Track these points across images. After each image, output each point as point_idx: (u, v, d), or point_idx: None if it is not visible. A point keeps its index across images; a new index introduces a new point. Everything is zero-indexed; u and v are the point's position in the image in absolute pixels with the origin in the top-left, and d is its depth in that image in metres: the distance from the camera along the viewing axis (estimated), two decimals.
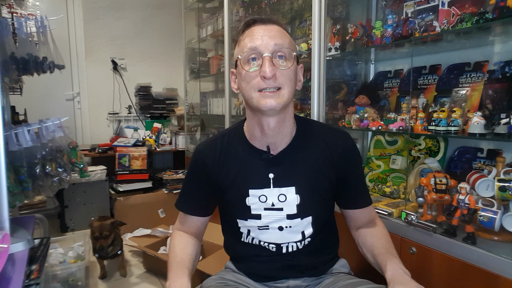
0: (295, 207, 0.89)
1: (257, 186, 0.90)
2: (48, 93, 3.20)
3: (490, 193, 1.05)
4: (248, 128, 0.92)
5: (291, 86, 0.83)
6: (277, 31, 0.83)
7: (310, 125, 0.96)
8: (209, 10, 2.99)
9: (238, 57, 0.84)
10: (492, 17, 1.04)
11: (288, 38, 0.85)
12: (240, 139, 0.94)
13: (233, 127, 0.98)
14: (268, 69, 0.78)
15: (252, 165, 0.90)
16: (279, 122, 0.86)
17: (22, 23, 1.19)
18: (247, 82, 0.82)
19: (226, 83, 2.45)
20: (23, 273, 0.80)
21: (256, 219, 0.91)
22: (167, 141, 3.32)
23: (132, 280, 2.03)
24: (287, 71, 0.81)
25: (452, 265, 1.04)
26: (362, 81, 1.81)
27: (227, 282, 0.95)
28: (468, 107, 1.23)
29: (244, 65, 0.82)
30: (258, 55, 0.81)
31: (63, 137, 1.21)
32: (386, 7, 1.59)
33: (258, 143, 0.91)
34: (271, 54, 0.80)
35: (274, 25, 0.85)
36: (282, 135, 0.89)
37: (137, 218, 2.66)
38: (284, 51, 0.81)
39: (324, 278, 0.96)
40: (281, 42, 0.81)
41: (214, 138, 0.97)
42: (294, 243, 0.92)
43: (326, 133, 0.94)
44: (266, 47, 0.80)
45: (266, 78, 0.79)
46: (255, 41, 0.81)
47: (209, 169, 0.93)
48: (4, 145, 0.89)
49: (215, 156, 0.93)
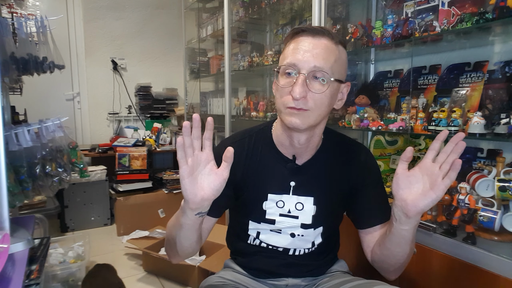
0: (310, 217, 0.90)
1: (276, 191, 0.90)
2: (48, 93, 3.20)
3: (490, 193, 1.05)
4: (277, 134, 0.91)
5: (321, 110, 0.79)
6: (323, 48, 0.77)
7: (335, 138, 0.96)
8: (209, 10, 2.99)
9: (277, 68, 0.81)
10: (492, 17, 1.04)
11: (334, 57, 0.78)
12: (267, 142, 0.93)
13: (260, 128, 0.97)
14: (298, 90, 0.74)
15: (275, 170, 0.91)
16: (308, 138, 0.86)
17: (22, 23, 1.19)
18: (280, 96, 0.81)
19: (226, 83, 2.45)
20: (23, 273, 0.80)
21: (270, 223, 0.91)
22: (167, 141, 3.31)
23: (132, 282, 2.03)
24: (320, 96, 0.77)
25: (452, 265, 1.04)
26: (362, 81, 1.81)
27: (226, 281, 0.96)
28: (468, 107, 1.23)
29: (281, 77, 0.80)
30: (295, 71, 0.77)
31: (63, 137, 1.21)
32: (386, 7, 1.59)
33: (284, 150, 0.91)
34: (306, 74, 0.76)
35: (323, 39, 0.78)
36: (309, 148, 0.89)
37: (137, 218, 2.66)
38: (323, 74, 0.76)
39: (322, 278, 0.97)
40: (322, 64, 0.76)
41: (242, 137, 0.95)
42: (303, 249, 0.94)
43: (349, 147, 0.95)
44: (305, 65, 0.76)
45: (294, 99, 0.76)
46: (296, 55, 0.77)
47: (235, 168, 0.89)
48: (4, 145, 0.88)
49: (241, 156, 0.91)
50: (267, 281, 0.97)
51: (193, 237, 0.81)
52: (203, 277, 1.01)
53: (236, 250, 1.03)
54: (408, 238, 0.78)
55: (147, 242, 2.20)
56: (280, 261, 0.94)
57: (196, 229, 0.79)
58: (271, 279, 0.96)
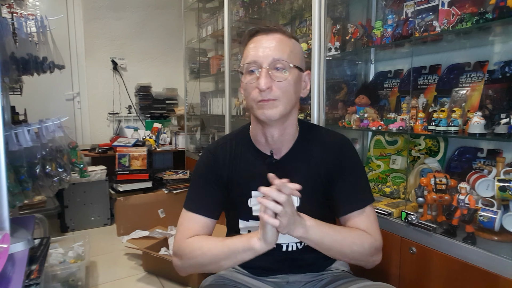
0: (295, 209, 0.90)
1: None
2: (48, 93, 3.20)
3: (490, 193, 1.05)
4: (253, 134, 0.96)
5: (288, 97, 0.85)
6: (278, 41, 0.84)
7: (311, 129, 0.99)
8: (209, 10, 2.99)
9: (238, 70, 0.87)
10: (492, 17, 1.04)
11: (290, 48, 0.85)
12: (246, 142, 0.98)
13: (239, 131, 1.02)
14: (263, 82, 0.81)
15: (256, 168, 0.94)
16: (281, 130, 0.90)
17: (22, 23, 1.19)
18: (248, 93, 0.86)
19: (226, 83, 2.45)
20: (23, 273, 0.80)
21: (257, 220, 0.91)
22: (167, 141, 3.32)
23: (132, 281, 2.03)
24: (284, 83, 0.83)
25: (452, 265, 1.04)
26: (362, 81, 1.81)
27: (225, 281, 0.96)
28: (468, 107, 1.23)
29: (245, 76, 0.86)
30: (257, 67, 0.83)
31: (63, 137, 1.21)
32: (386, 7, 1.59)
33: (262, 147, 0.95)
34: (268, 66, 0.82)
35: (276, 34, 0.85)
36: (285, 141, 0.93)
37: (137, 218, 2.66)
38: (283, 63, 0.83)
39: (323, 276, 0.97)
40: (279, 55, 0.83)
41: (224, 141, 1.01)
42: (294, 244, 0.94)
43: (325, 136, 0.98)
44: (264, 59, 0.82)
45: (261, 91, 0.82)
46: (256, 52, 0.84)
47: (221, 169, 0.96)
48: (4, 145, 0.88)
49: (226, 157, 0.97)
50: (267, 279, 0.97)
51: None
52: (203, 277, 1.01)
53: None
54: (316, 244, 0.83)
55: (147, 242, 2.19)
56: (275, 257, 0.94)
57: None
58: (271, 277, 0.97)
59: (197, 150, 3.11)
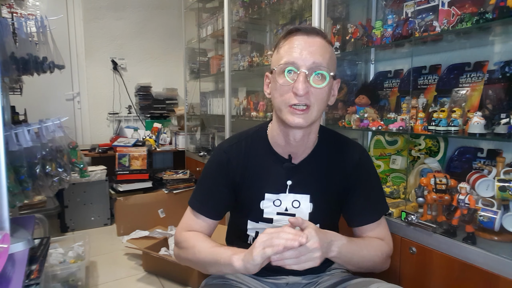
0: (307, 215, 0.91)
1: (273, 190, 0.91)
2: (48, 93, 3.20)
3: (490, 193, 1.05)
4: (272, 135, 0.93)
5: (321, 105, 0.82)
6: (318, 46, 0.80)
7: (331, 137, 0.97)
8: (209, 10, 2.99)
9: (275, 68, 0.83)
10: (492, 17, 1.04)
11: (329, 55, 0.82)
12: (263, 143, 0.95)
13: (256, 129, 0.99)
14: (301, 87, 0.77)
15: (272, 171, 0.92)
16: (305, 135, 0.88)
17: (22, 23, 1.19)
18: (280, 94, 0.82)
19: (226, 83, 2.44)
20: (23, 273, 0.80)
21: (268, 222, 0.93)
22: (167, 141, 3.32)
23: (132, 281, 2.03)
24: (320, 91, 0.80)
25: (452, 265, 1.04)
26: (362, 81, 1.80)
27: (227, 280, 0.96)
28: (468, 107, 1.23)
29: (279, 76, 0.81)
30: (294, 69, 0.79)
31: (63, 137, 1.21)
32: (386, 7, 1.59)
33: (280, 150, 0.92)
34: (307, 71, 0.78)
35: (317, 38, 0.81)
36: (305, 146, 0.91)
37: (137, 218, 2.66)
38: (322, 69, 0.79)
39: (323, 277, 0.97)
40: (320, 61, 0.79)
41: (239, 140, 0.97)
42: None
43: (344, 146, 0.96)
44: (304, 63, 0.78)
45: (297, 95, 0.78)
46: (294, 53, 0.79)
47: (233, 169, 0.93)
48: (4, 145, 0.88)
49: (239, 157, 0.94)
50: (268, 279, 0.97)
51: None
52: (203, 277, 1.01)
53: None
54: (344, 262, 0.83)
55: (147, 242, 2.19)
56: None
57: None
58: (272, 277, 0.97)
59: (197, 150, 3.11)
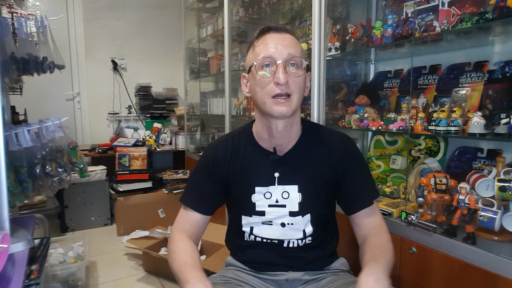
0: (297, 204, 0.94)
1: (263, 184, 0.95)
2: (48, 93, 3.20)
3: (490, 193, 1.05)
4: (257, 130, 0.98)
5: (300, 93, 0.88)
6: (290, 40, 0.88)
7: (314, 128, 1.01)
8: (209, 10, 2.99)
9: (253, 63, 0.88)
10: (492, 17, 1.04)
11: (300, 48, 0.90)
12: (249, 139, 0.99)
13: (242, 128, 1.04)
14: (282, 76, 0.83)
15: (259, 164, 0.96)
16: (287, 126, 0.92)
17: (22, 23, 1.19)
18: (261, 88, 0.87)
19: (226, 83, 2.44)
20: (23, 273, 0.80)
21: (260, 215, 0.95)
22: (167, 141, 3.32)
23: (132, 281, 2.03)
24: (298, 79, 0.86)
25: (452, 265, 1.04)
26: (362, 81, 1.80)
27: (228, 279, 0.97)
28: (468, 107, 1.23)
29: (259, 70, 0.87)
30: (272, 62, 0.85)
31: (63, 137, 1.21)
32: (386, 7, 1.59)
33: (265, 144, 0.96)
34: (284, 62, 0.84)
35: (287, 34, 0.89)
36: (289, 138, 0.95)
37: (137, 218, 2.66)
38: (297, 60, 0.86)
39: (323, 275, 0.97)
40: (294, 52, 0.86)
41: (226, 138, 1.03)
42: (296, 240, 0.95)
43: (329, 136, 0.99)
44: (280, 55, 0.85)
45: (279, 84, 0.84)
46: (270, 48, 0.86)
47: (221, 166, 0.98)
48: (4, 145, 0.89)
49: (226, 154, 0.98)
50: (268, 276, 0.97)
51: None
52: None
53: (235, 247, 1.06)
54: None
55: (147, 242, 2.19)
56: (276, 252, 0.96)
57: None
58: (271, 273, 0.97)
59: (197, 150, 3.11)
